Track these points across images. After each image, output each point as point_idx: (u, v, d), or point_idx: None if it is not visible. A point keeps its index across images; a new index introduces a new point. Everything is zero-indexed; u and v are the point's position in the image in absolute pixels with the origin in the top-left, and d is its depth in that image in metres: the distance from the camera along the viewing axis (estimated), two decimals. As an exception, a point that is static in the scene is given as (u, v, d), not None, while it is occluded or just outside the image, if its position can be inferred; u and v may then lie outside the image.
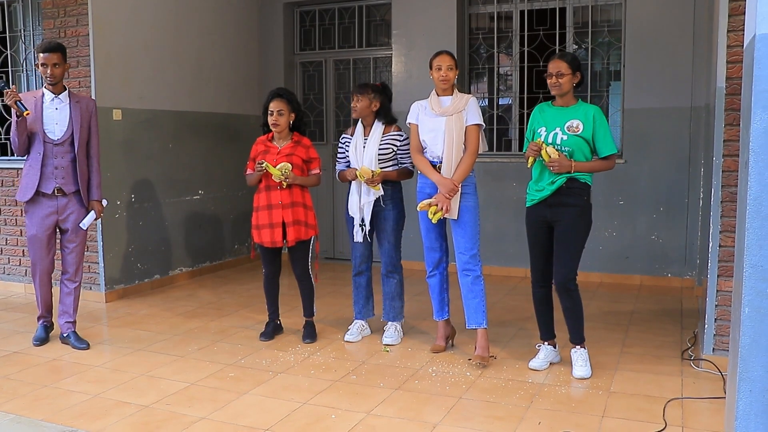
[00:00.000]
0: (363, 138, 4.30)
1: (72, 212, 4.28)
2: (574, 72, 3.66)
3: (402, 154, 4.28)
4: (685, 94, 5.83)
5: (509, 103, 6.67)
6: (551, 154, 3.59)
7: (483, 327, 3.97)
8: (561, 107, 3.72)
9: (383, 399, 3.45)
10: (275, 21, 7.31)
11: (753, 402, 2.15)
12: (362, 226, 4.30)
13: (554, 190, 3.65)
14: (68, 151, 4.23)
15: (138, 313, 5.19)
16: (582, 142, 3.62)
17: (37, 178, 4.16)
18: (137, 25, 5.70)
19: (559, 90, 3.67)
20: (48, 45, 4.16)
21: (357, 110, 4.27)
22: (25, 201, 4.24)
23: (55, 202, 4.23)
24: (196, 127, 6.42)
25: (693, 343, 4.18)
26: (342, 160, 4.43)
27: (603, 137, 3.63)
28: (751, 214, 2.27)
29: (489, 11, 6.62)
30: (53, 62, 4.12)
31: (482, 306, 3.97)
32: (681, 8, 5.79)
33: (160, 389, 3.61)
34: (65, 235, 4.33)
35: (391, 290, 4.40)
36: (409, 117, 4.08)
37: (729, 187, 3.69)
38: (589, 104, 3.74)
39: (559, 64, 3.66)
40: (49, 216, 4.25)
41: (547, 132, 3.69)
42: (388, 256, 4.34)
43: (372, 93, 4.26)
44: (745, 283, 2.25)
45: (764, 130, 2.28)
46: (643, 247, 6.02)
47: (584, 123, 3.62)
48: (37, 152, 4.17)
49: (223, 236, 6.86)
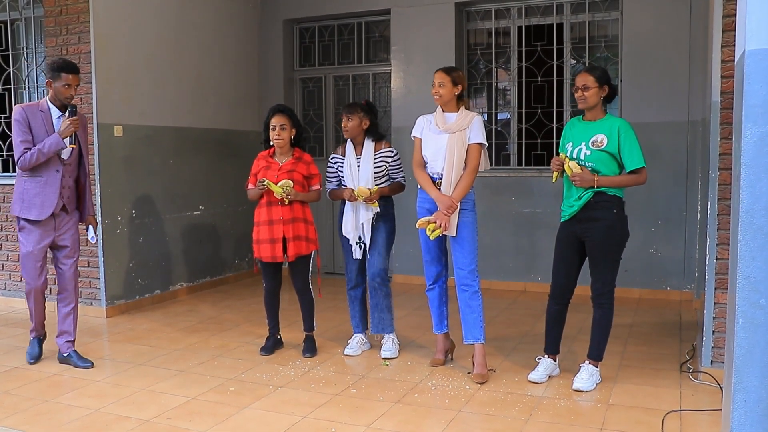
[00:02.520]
0: (356, 157, 4.35)
1: (69, 229, 4.27)
2: (602, 85, 3.63)
3: (394, 169, 4.35)
4: (682, 109, 5.88)
5: (508, 118, 6.73)
6: (573, 169, 3.59)
7: (480, 342, 3.97)
8: (589, 122, 3.71)
9: (383, 412, 3.46)
10: (275, 37, 7.38)
11: (748, 412, 2.17)
12: (359, 244, 4.34)
13: (582, 205, 3.64)
14: (75, 170, 4.25)
15: (139, 328, 5.20)
16: (607, 156, 3.60)
17: (56, 197, 4.12)
18: (138, 42, 5.77)
19: (585, 104, 3.66)
20: (74, 66, 4.14)
21: (348, 130, 4.32)
22: (40, 219, 4.13)
23: (54, 220, 4.20)
24: (196, 143, 6.47)
25: (691, 356, 4.19)
26: (333, 179, 4.47)
27: (629, 151, 3.57)
28: (744, 226, 2.29)
29: (487, 27, 6.69)
30: (76, 84, 4.14)
31: (480, 321, 3.97)
32: (677, 23, 5.85)
33: (160, 404, 3.62)
34: (62, 252, 4.28)
35: (380, 302, 4.42)
36: (414, 130, 4.08)
37: (725, 200, 3.72)
38: (617, 118, 3.71)
39: (586, 78, 3.63)
40: (47, 234, 4.20)
41: (573, 147, 3.69)
42: (377, 269, 4.36)
43: (361, 112, 4.32)
44: (738, 294, 2.27)
45: (755, 144, 2.32)
46: (641, 261, 6.04)
47: (609, 137, 3.59)
48: (55, 170, 4.12)
49: (223, 251, 6.89)
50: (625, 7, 6.05)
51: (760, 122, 2.32)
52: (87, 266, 5.57)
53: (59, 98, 4.13)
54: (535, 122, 6.53)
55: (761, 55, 2.31)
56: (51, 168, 4.12)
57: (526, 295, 6.22)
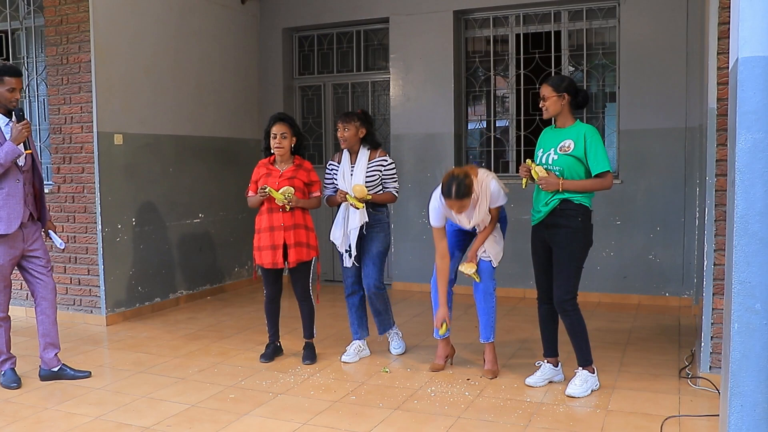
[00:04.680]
0: (350, 165, 4.39)
1: (38, 239, 4.09)
2: (560, 93, 3.70)
3: (387, 178, 4.39)
4: (680, 115, 5.91)
5: (506, 125, 6.76)
6: (540, 173, 3.68)
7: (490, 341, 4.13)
8: (559, 129, 3.80)
9: (382, 419, 3.47)
10: (274, 46, 7.42)
11: (744, 416, 2.18)
12: (349, 252, 4.40)
13: (548, 212, 3.72)
14: (31, 176, 4.04)
15: (139, 336, 5.21)
16: (574, 161, 3.67)
17: (21, 207, 3.90)
18: (138, 50, 5.80)
19: (546, 113, 3.77)
20: (16, 69, 3.94)
21: (346, 139, 4.37)
22: (9, 232, 3.88)
23: (23, 231, 3.99)
24: (196, 151, 6.50)
25: (690, 362, 4.20)
26: (330, 185, 4.51)
27: (594, 155, 3.64)
28: (739, 232, 2.31)
29: (485, 35, 6.73)
30: (20, 87, 3.94)
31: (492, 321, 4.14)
32: (674, 31, 5.89)
33: (160, 411, 3.63)
34: (36, 263, 4.08)
35: (377, 307, 4.52)
36: (433, 220, 4.08)
37: (722, 206, 3.73)
38: (585, 124, 3.79)
39: (544, 88, 3.76)
40: (17, 245, 3.98)
41: (543, 153, 3.78)
42: (372, 279, 4.41)
43: (358, 121, 4.37)
44: (734, 299, 2.29)
45: (749, 150, 2.34)
46: (640, 267, 6.05)
47: (576, 142, 3.68)
48: (15, 179, 3.89)
49: (223, 259, 6.90)
50: (623, 15, 6.08)
51: (753, 128, 2.35)
52: (87, 274, 5.59)
53: (4, 103, 3.90)
54: (534, 129, 6.55)
55: (754, 62, 2.34)
56: (11, 178, 3.89)
57: (525, 302, 6.22)
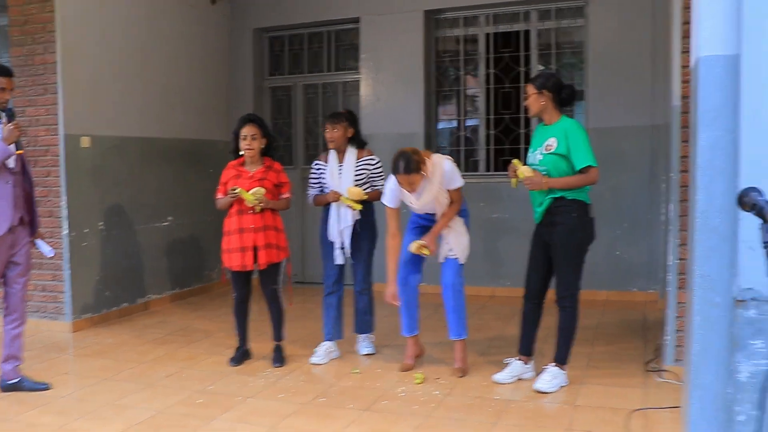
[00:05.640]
0: (338, 165, 4.39)
1: (25, 245, 3.99)
2: (540, 91, 3.69)
3: (374, 177, 4.41)
4: (646, 113, 5.99)
5: (477, 124, 6.79)
6: (525, 173, 3.67)
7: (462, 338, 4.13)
8: (546, 126, 3.78)
9: (352, 420, 3.45)
10: (245, 46, 7.36)
11: (704, 408, 2.21)
12: (342, 250, 4.41)
13: (544, 211, 3.74)
14: (22, 179, 3.96)
15: (105, 342, 5.12)
16: (558, 159, 3.65)
17: (11, 210, 3.81)
18: (105, 51, 5.70)
19: (529, 111, 3.79)
20: (7, 68, 3.88)
21: (334, 140, 4.37)
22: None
23: (12, 236, 3.90)
24: (164, 153, 6.41)
25: (656, 355, 4.25)
26: (315, 185, 4.49)
27: (576, 150, 3.61)
28: (699, 227, 2.35)
29: (456, 34, 6.75)
30: (11, 87, 3.86)
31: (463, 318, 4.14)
32: (640, 29, 5.96)
33: (127, 418, 3.56)
34: (14, 270, 3.96)
35: (364, 306, 4.56)
36: (387, 200, 4.07)
37: (686, 201, 3.78)
38: (568, 119, 3.75)
39: (527, 87, 3.78)
40: (3, 250, 3.88)
41: (532, 152, 3.79)
42: (362, 274, 4.50)
43: (345, 121, 4.39)
44: (695, 292, 2.32)
45: (709, 147, 2.38)
46: (607, 263, 6.11)
47: (558, 140, 3.66)
48: (5, 182, 3.80)
49: (192, 262, 6.82)
50: (590, 14, 6.15)
51: (713, 126, 2.39)
52: (52, 280, 5.47)
53: None
54: (504, 128, 6.60)
55: (713, 61, 2.38)
56: (1, 180, 3.81)
57: (494, 300, 6.25)
